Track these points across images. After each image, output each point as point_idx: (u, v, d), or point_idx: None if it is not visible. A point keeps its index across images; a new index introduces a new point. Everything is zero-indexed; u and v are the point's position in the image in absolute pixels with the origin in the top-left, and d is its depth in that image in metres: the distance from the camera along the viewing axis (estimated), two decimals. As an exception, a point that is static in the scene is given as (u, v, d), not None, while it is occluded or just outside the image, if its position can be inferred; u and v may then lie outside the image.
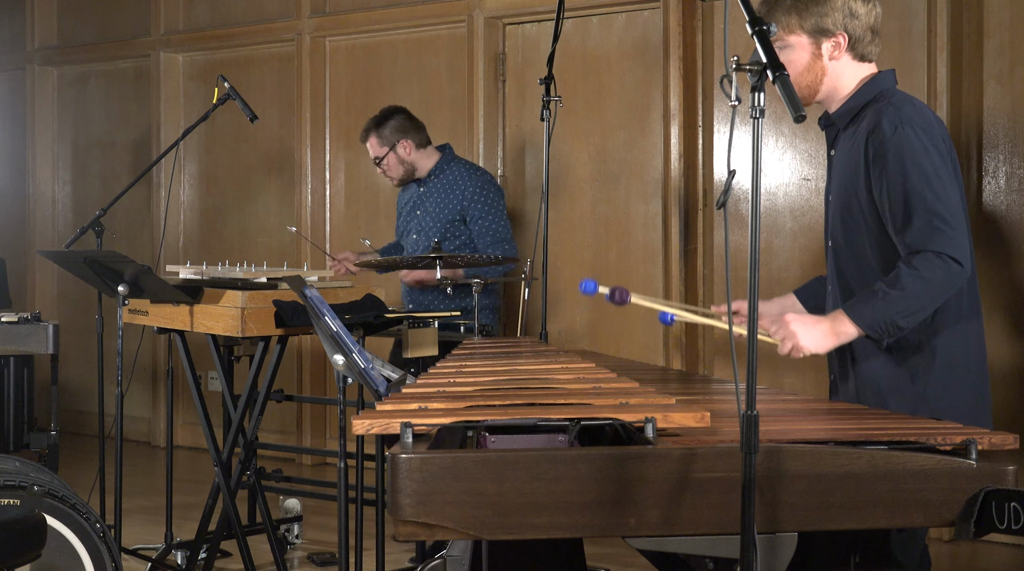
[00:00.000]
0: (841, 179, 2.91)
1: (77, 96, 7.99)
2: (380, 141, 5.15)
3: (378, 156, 5.18)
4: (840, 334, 2.73)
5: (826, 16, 2.88)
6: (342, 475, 3.43)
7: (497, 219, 5.01)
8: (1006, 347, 4.93)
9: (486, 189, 5.02)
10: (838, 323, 2.72)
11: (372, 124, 5.22)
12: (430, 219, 5.07)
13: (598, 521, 1.99)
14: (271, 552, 4.43)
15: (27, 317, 4.42)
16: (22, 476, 3.39)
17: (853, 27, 2.89)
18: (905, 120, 2.76)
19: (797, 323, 2.74)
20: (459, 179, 5.06)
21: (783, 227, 5.47)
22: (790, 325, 2.73)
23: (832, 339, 2.74)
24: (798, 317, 2.77)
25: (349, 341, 2.92)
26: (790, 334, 2.73)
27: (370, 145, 5.21)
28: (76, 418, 7.63)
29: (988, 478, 2.03)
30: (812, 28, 2.90)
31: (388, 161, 5.16)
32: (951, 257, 2.67)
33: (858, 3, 2.89)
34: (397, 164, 5.15)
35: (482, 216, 4.97)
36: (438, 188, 5.09)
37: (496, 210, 5.02)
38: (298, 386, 6.79)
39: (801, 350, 2.74)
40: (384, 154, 5.14)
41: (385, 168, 5.20)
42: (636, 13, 5.87)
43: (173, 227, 7.40)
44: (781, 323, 2.76)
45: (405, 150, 5.13)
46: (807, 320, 2.76)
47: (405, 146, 5.13)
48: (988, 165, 5.03)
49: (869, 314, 2.69)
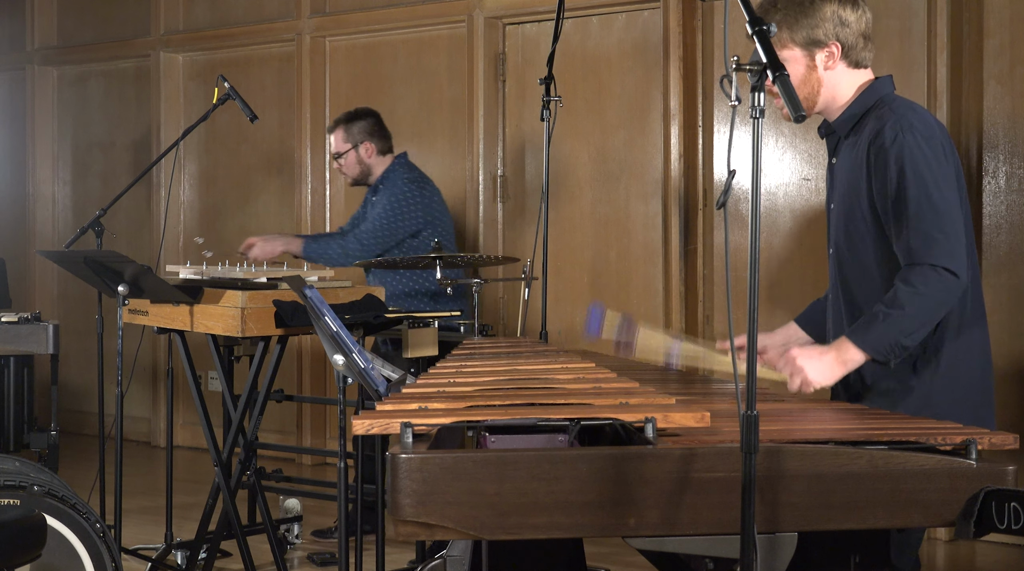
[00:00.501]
0: (844, 187, 2.90)
1: (77, 96, 7.99)
2: (346, 136, 5.28)
3: (340, 151, 5.29)
4: (847, 362, 2.71)
5: (817, 27, 2.87)
6: (342, 475, 3.43)
7: (380, 221, 5.06)
8: (1006, 347, 4.93)
9: (397, 191, 5.10)
10: (843, 351, 2.71)
11: (343, 118, 5.34)
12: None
13: (598, 521, 1.99)
14: (271, 552, 4.43)
15: (27, 317, 4.42)
16: (22, 476, 3.39)
17: (845, 35, 2.88)
18: (906, 127, 2.76)
19: (803, 357, 2.72)
20: (390, 180, 5.16)
21: (783, 227, 5.47)
22: (796, 360, 2.71)
23: (840, 368, 2.72)
24: (803, 351, 2.75)
25: (349, 341, 2.92)
26: (797, 370, 2.71)
27: (334, 138, 5.32)
28: (76, 418, 7.63)
29: (988, 478, 2.03)
30: (804, 40, 2.89)
31: (348, 158, 5.28)
32: (946, 269, 2.66)
33: (847, 11, 2.88)
34: (355, 163, 5.27)
35: (376, 214, 5.08)
36: (380, 195, 5.19)
37: (387, 214, 5.06)
38: (298, 386, 6.79)
39: (811, 385, 2.72)
40: (346, 150, 5.27)
41: (343, 164, 5.31)
42: (636, 13, 5.87)
43: (173, 227, 7.40)
44: (787, 359, 2.74)
45: (367, 151, 5.25)
46: (812, 353, 2.74)
47: (368, 148, 5.25)
48: (988, 165, 5.03)
49: (873, 338, 2.68)
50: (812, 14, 2.87)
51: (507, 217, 6.24)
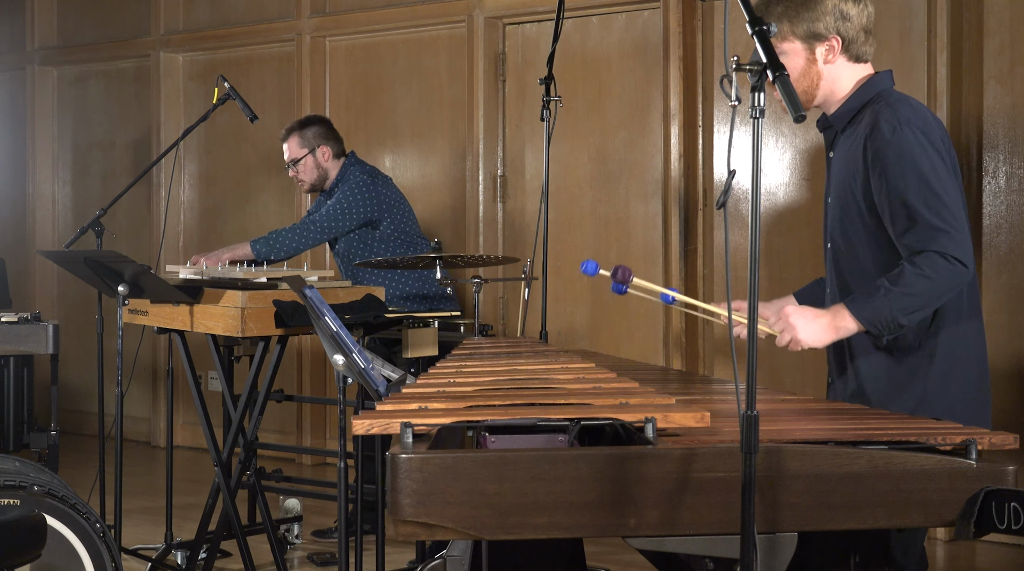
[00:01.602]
0: (840, 181, 2.90)
1: (77, 96, 7.99)
2: (301, 142, 5.27)
3: (295, 158, 5.27)
4: (840, 328, 2.72)
5: (817, 21, 2.87)
6: (342, 475, 3.43)
7: (333, 205, 5.07)
8: (1006, 347, 4.93)
9: (349, 188, 5.10)
10: (838, 317, 2.72)
11: (295, 126, 5.33)
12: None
13: (598, 521, 1.99)
14: (271, 552, 4.43)
15: (27, 317, 4.42)
16: (22, 476, 3.39)
17: (846, 29, 2.88)
18: (903, 121, 2.75)
19: (797, 315, 2.73)
20: (344, 177, 5.16)
21: (783, 227, 5.47)
22: (790, 317, 2.73)
23: (831, 333, 2.73)
24: (798, 309, 2.76)
25: (349, 341, 2.92)
26: (789, 326, 2.72)
27: (288, 146, 5.29)
28: (76, 418, 7.62)
29: (988, 478, 2.03)
30: (804, 33, 2.89)
31: (304, 163, 5.27)
32: (955, 257, 2.66)
33: (849, 5, 2.88)
34: (313, 168, 5.27)
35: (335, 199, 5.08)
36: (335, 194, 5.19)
37: (339, 199, 5.08)
38: (298, 386, 6.79)
39: (799, 343, 2.74)
40: (302, 156, 5.26)
41: (300, 170, 5.28)
42: (636, 13, 5.87)
43: (173, 227, 7.40)
44: (781, 315, 2.75)
45: (323, 155, 5.26)
46: (807, 313, 2.75)
47: (324, 152, 5.26)
48: (988, 165, 5.03)
49: (870, 310, 2.68)
50: (813, 7, 2.87)
51: (507, 217, 6.24)
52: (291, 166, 5.29)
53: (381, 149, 6.62)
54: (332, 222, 5.05)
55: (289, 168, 5.31)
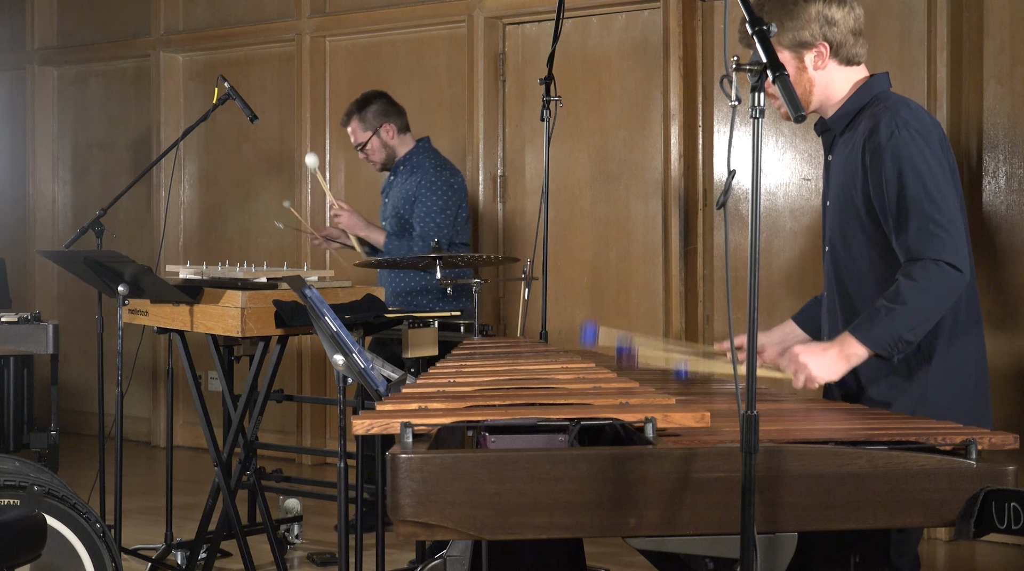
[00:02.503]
0: (839, 184, 2.89)
1: (77, 96, 7.99)
2: (363, 125, 5.21)
3: (361, 142, 5.23)
4: (850, 357, 2.69)
5: (803, 29, 2.85)
6: (342, 475, 3.43)
7: (436, 217, 5.05)
8: (1006, 347, 4.93)
9: (436, 183, 5.06)
10: (846, 346, 2.69)
11: (354, 108, 5.26)
12: (391, 208, 5.15)
13: (598, 521, 1.99)
14: (271, 552, 4.43)
15: (27, 317, 4.42)
16: (22, 476, 3.39)
17: (833, 34, 2.86)
18: (901, 124, 2.75)
19: (806, 354, 2.70)
20: (419, 170, 5.15)
21: (783, 227, 5.48)
22: (799, 357, 2.70)
23: (843, 363, 2.70)
24: (805, 348, 2.73)
25: (349, 341, 2.92)
26: (801, 367, 2.70)
27: (352, 130, 5.25)
28: (76, 418, 7.62)
29: (988, 478, 2.03)
30: (791, 43, 2.87)
31: (372, 145, 5.22)
32: (949, 263, 2.65)
33: (834, 9, 2.85)
34: (380, 148, 5.22)
35: (424, 209, 5.06)
36: (403, 178, 5.16)
37: (437, 208, 5.06)
38: (298, 386, 6.79)
39: (815, 381, 2.71)
40: (367, 139, 5.22)
41: (369, 153, 5.24)
42: (636, 13, 5.87)
43: (173, 227, 7.40)
44: (790, 356, 2.72)
45: (388, 134, 5.20)
46: (815, 349, 2.73)
47: (388, 130, 5.20)
48: (988, 165, 5.03)
49: (876, 333, 2.66)
50: (797, 15, 2.85)
51: (507, 217, 6.24)
52: (359, 150, 5.25)
53: (381, 149, 6.62)
54: (439, 230, 5.04)
55: (359, 152, 5.29)
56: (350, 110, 5.26)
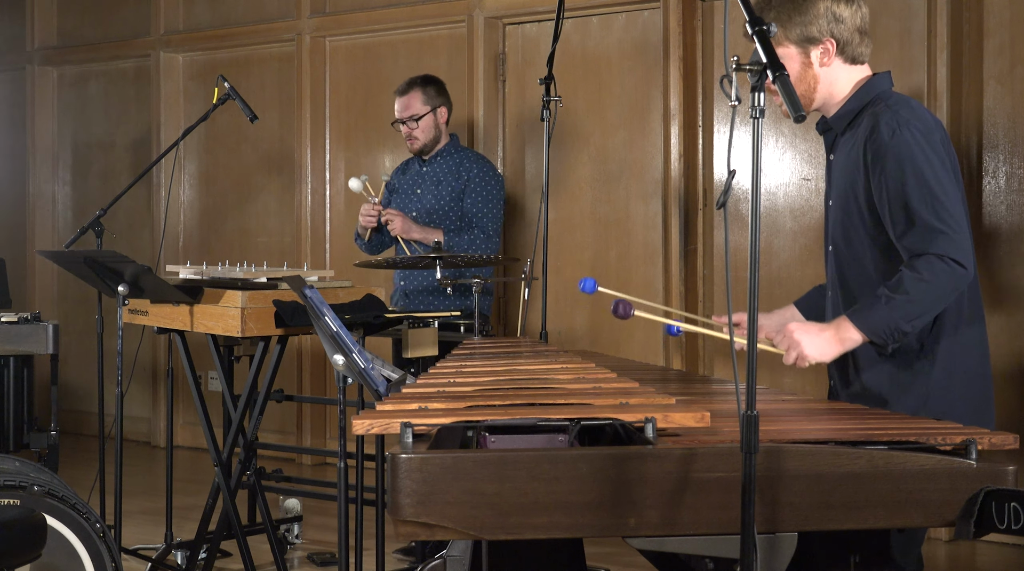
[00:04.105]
0: (841, 184, 2.90)
1: (77, 96, 7.99)
2: (425, 98, 5.03)
3: (417, 114, 5.01)
4: (845, 341, 2.70)
5: (810, 24, 2.86)
6: (342, 475, 3.43)
7: (493, 209, 5.03)
8: (1006, 347, 4.93)
9: (489, 174, 5.05)
10: (842, 330, 2.70)
11: (418, 80, 5.09)
12: (432, 198, 5.04)
13: (598, 521, 1.99)
14: (271, 552, 4.43)
15: (27, 317, 4.42)
16: (22, 476, 3.39)
17: (839, 32, 2.87)
18: (903, 123, 2.75)
19: (801, 332, 2.71)
20: (465, 162, 5.07)
21: (783, 227, 5.47)
22: (794, 334, 2.71)
23: (837, 346, 2.71)
24: (801, 325, 2.75)
25: (349, 341, 2.92)
26: (794, 343, 2.71)
27: (409, 100, 5.04)
28: (76, 418, 7.63)
29: (988, 478, 2.03)
30: (798, 38, 2.87)
31: (425, 121, 5.02)
32: (953, 259, 2.65)
33: (842, 6, 2.86)
34: (431, 127, 5.04)
35: (481, 199, 5.01)
36: (443, 169, 5.06)
37: (494, 199, 5.04)
38: (298, 386, 6.79)
39: (806, 359, 2.71)
40: (425, 113, 5.01)
41: (414, 127, 5.02)
42: (636, 13, 5.87)
43: (173, 227, 7.40)
44: (784, 332, 2.73)
45: (442, 117, 5.10)
46: (811, 328, 2.74)
47: (443, 113, 5.10)
48: (988, 165, 5.03)
49: (873, 320, 2.67)
50: (805, 11, 2.86)
51: (507, 217, 6.24)
52: (407, 122, 5.01)
53: (381, 149, 6.62)
54: (495, 222, 5.02)
55: (403, 124, 5.03)
56: (412, 81, 5.08)
